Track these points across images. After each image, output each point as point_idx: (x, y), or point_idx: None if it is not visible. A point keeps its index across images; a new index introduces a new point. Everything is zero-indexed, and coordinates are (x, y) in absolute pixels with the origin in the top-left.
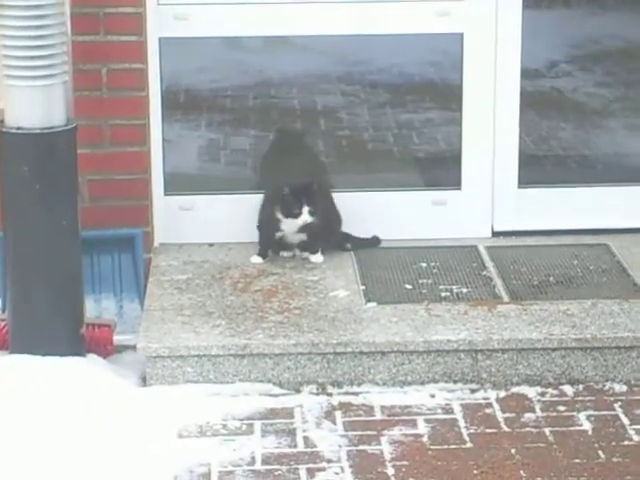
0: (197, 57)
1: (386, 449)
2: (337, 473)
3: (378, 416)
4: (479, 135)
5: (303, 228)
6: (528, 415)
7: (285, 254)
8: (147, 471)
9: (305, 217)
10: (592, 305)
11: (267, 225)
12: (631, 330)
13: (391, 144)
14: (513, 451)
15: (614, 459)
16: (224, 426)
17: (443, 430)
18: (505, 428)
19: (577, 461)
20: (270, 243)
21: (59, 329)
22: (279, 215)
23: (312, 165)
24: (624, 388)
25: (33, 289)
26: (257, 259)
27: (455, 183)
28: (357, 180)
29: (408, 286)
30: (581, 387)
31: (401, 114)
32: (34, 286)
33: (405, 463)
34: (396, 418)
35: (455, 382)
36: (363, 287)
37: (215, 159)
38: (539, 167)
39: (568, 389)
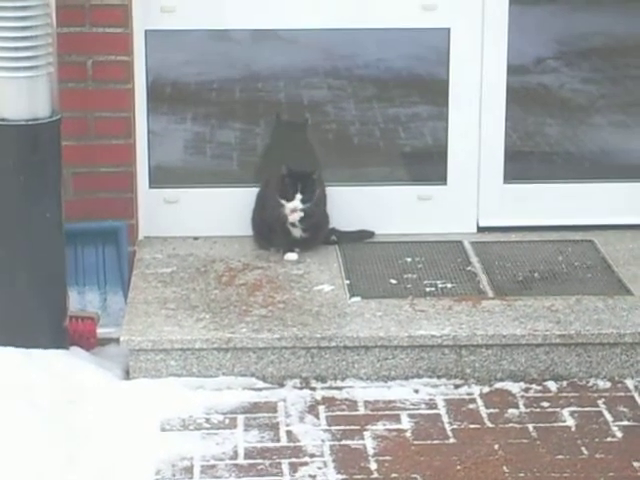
0: (183, 50)
1: (369, 444)
2: (320, 468)
3: (361, 411)
4: (465, 130)
5: (301, 221)
6: (512, 411)
7: (290, 256)
8: (129, 464)
9: (296, 203)
10: (577, 301)
11: (274, 216)
12: (615, 327)
13: (377, 138)
14: (496, 447)
15: (597, 455)
16: (207, 420)
17: (426, 425)
18: (488, 424)
19: (560, 457)
20: (285, 235)
21: (42, 321)
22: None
23: (311, 157)
24: (608, 385)
25: (16, 281)
26: (291, 256)
27: (441, 178)
28: (343, 174)
29: (393, 281)
30: (565, 383)
31: (387, 108)
32: (17, 278)
33: (388, 458)
34: (379, 413)
35: (439, 377)
36: (348, 281)
37: (201, 152)
38: (525, 163)
39: (552, 385)
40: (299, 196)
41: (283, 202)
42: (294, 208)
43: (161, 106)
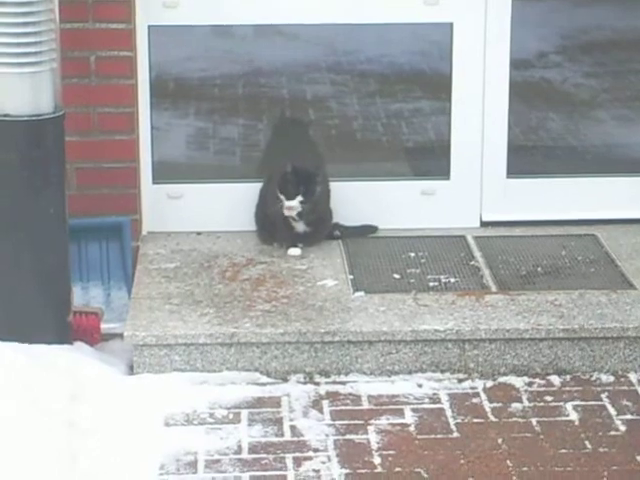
0: (186, 45)
1: (373, 438)
2: (324, 462)
3: (365, 405)
4: (468, 125)
5: (301, 215)
6: (515, 405)
7: (293, 251)
8: (133, 459)
9: (295, 203)
10: (580, 296)
11: (277, 211)
12: (618, 321)
13: (380, 134)
14: (500, 441)
15: (600, 449)
16: (211, 415)
17: (430, 420)
18: (492, 418)
19: (564, 451)
20: (288, 230)
21: (46, 317)
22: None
23: (314, 155)
24: (611, 379)
25: (20, 277)
26: (295, 251)
27: (444, 173)
28: (346, 169)
29: (396, 276)
30: (568, 377)
31: (390, 104)
32: (21, 274)
33: (392, 452)
34: (383, 407)
35: (442, 372)
36: (351, 276)
37: (204, 148)
38: (528, 157)
39: (555, 379)
40: (300, 198)
41: (282, 197)
42: (291, 207)
43: (164, 101)
